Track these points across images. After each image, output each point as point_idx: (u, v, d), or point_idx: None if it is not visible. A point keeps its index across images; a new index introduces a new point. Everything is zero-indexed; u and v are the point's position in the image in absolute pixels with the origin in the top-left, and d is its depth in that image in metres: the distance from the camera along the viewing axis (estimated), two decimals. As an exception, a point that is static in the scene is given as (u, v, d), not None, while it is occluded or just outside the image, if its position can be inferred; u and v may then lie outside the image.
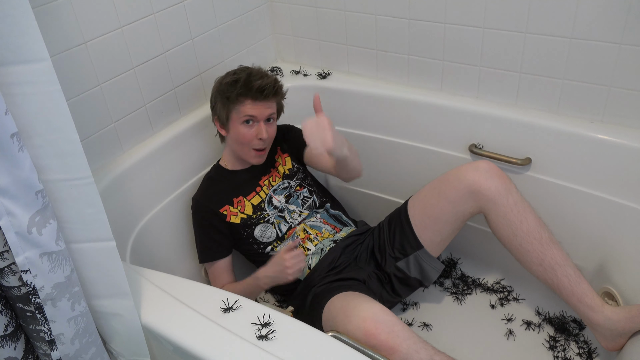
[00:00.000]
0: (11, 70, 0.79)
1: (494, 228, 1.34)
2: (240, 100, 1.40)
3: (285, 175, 1.56)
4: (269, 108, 1.43)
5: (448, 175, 1.38)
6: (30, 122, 0.83)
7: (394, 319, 1.12)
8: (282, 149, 1.60)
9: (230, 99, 1.40)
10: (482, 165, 1.33)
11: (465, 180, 1.32)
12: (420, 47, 1.59)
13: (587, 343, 1.42)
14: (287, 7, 1.79)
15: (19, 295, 0.90)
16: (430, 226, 1.40)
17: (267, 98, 1.40)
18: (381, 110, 1.68)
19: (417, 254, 1.43)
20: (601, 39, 1.30)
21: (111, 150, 1.44)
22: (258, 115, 1.40)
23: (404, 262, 1.43)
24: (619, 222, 1.38)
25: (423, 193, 1.45)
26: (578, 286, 1.25)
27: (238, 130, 1.42)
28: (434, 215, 1.39)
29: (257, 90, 1.38)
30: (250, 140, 1.42)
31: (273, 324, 0.96)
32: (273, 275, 1.35)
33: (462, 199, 1.33)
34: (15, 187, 0.80)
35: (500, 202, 1.29)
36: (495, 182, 1.30)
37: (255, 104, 1.40)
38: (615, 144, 1.35)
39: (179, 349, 0.98)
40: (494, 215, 1.32)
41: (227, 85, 1.42)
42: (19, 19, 0.76)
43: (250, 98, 1.39)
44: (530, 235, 1.28)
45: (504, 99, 1.52)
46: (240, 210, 1.47)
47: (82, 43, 1.28)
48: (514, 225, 1.29)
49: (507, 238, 1.32)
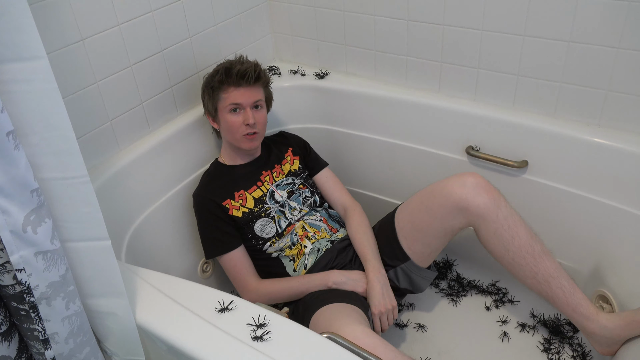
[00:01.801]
0: (7, 67, 0.78)
1: (485, 243, 1.32)
2: (224, 89, 1.42)
3: (290, 173, 1.56)
4: (254, 94, 1.44)
5: (435, 190, 1.33)
6: (26, 120, 0.83)
7: (376, 340, 1.10)
8: (294, 152, 1.60)
9: (214, 89, 1.44)
10: (470, 179, 1.28)
11: (452, 197, 1.28)
12: (419, 49, 1.59)
13: (582, 346, 1.43)
14: (286, 7, 1.79)
15: (13, 294, 0.90)
16: (419, 238, 1.39)
17: (250, 83, 1.42)
18: (379, 111, 1.68)
19: (404, 266, 1.42)
20: (599, 43, 1.31)
21: (108, 149, 1.43)
22: (243, 102, 1.42)
23: (392, 272, 1.43)
24: (615, 225, 1.38)
25: (411, 206, 1.42)
26: (572, 297, 1.24)
27: (226, 120, 1.44)
28: (422, 229, 1.37)
29: (238, 76, 1.40)
30: (238, 127, 1.43)
31: (268, 324, 0.96)
32: (348, 278, 1.37)
33: (450, 215, 1.30)
34: (10, 185, 0.80)
35: (490, 218, 1.27)
36: (484, 198, 1.26)
37: (239, 90, 1.42)
38: (612, 147, 1.35)
39: (172, 348, 0.98)
40: (484, 231, 1.29)
41: (210, 77, 1.47)
42: (16, 15, 0.76)
43: (232, 85, 1.41)
44: (522, 249, 1.26)
45: (501, 101, 1.52)
46: (241, 204, 1.47)
47: (80, 40, 1.28)
48: (506, 240, 1.27)
49: (499, 253, 1.30)
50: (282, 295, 1.41)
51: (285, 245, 1.46)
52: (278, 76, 1.81)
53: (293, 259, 1.46)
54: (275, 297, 1.42)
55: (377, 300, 1.34)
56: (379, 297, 1.34)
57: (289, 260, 1.46)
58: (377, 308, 1.33)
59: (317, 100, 1.77)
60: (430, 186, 1.37)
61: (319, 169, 1.61)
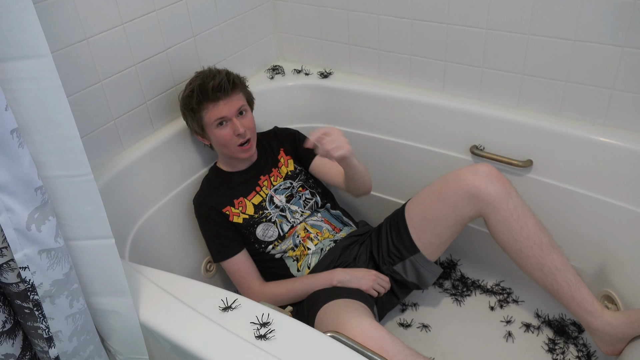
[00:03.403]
0: (12, 65, 0.78)
1: (494, 232, 1.34)
2: (204, 107, 1.40)
3: (287, 176, 1.56)
4: (235, 103, 1.42)
5: (447, 179, 1.36)
6: (30, 118, 0.83)
7: (382, 333, 1.10)
8: (286, 151, 1.59)
9: (195, 110, 1.41)
10: (482, 168, 1.32)
11: (465, 184, 1.31)
12: (423, 48, 1.58)
13: (586, 346, 1.42)
14: (290, 6, 1.79)
15: (17, 292, 0.90)
16: (429, 229, 1.40)
17: (227, 94, 1.40)
18: (383, 111, 1.68)
19: (413, 258, 1.42)
20: (604, 42, 1.30)
21: (111, 147, 1.43)
22: (227, 114, 1.40)
23: (401, 265, 1.43)
24: (620, 225, 1.37)
25: (422, 196, 1.44)
26: (578, 291, 1.24)
27: (216, 135, 1.42)
28: (433, 219, 1.38)
29: (214, 91, 1.38)
30: (230, 139, 1.42)
31: (272, 323, 0.96)
32: (352, 276, 1.38)
33: (462, 203, 1.33)
34: (14, 183, 0.80)
35: (500, 206, 1.28)
36: (495, 186, 1.29)
37: (218, 104, 1.39)
38: (617, 147, 1.35)
39: (176, 347, 0.98)
40: (493, 219, 1.31)
41: (187, 99, 1.44)
42: (20, 14, 0.76)
43: (211, 101, 1.39)
44: (530, 240, 1.27)
45: (506, 100, 1.52)
46: (241, 210, 1.47)
47: (84, 39, 1.28)
48: (514, 230, 1.28)
49: (507, 243, 1.31)
50: (287, 296, 1.41)
51: (288, 247, 1.46)
52: (282, 75, 1.81)
53: (296, 259, 1.46)
54: (280, 299, 1.42)
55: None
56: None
57: (293, 261, 1.46)
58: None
59: (321, 100, 1.77)
60: (442, 177, 1.39)
61: (312, 157, 1.58)
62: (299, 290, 1.39)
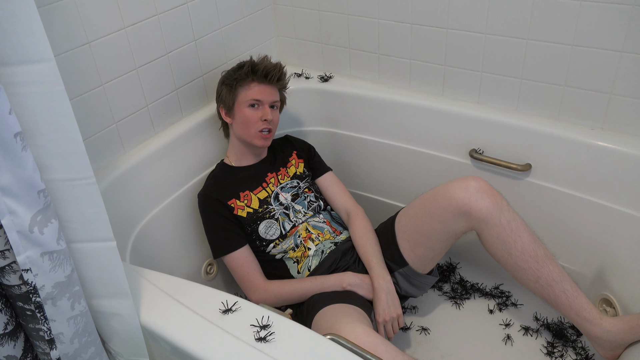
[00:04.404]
0: (16, 70, 0.79)
1: (488, 247, 1.32)
2: (247, 83, 1.46)
3: (295, 176, 1.57)
4: (274, 94, 1.49)
5: (437, 194, 1.33)
6: (33, 122, 0.84)
7: (376, 340, 1.10)
8: (299, 155, 1.61)
9: (238, 82, 1.47)
10: (472, 183, 1.28)
11: (455, 201, 1.28)
12: (423, 52, 1.59)
13: (585, 349, 1.42)
14: (291, 10, 1.80)
15: (19, 294, 0.90)
16: (422, 242, 1.38)
17: (272, 82, 1.47)
18: (382, 114, 1.68)
19: (402, 271, 1.42)
20: (603, 47, 1.31)
21: (113, 151, 1.44)
22: (263, 99, 1.46)
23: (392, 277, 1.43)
24: (619, 229, 1.38)
25: (413, 210, 1.41)
26: (576, 301, 1.24)
27: (244, 114, 1.46)
28: (425, 233, 1.36)
29: (263, 74, 1.45)
30: (255, 122, 1.46)
31: (272, 326, 0.96)
32: (362, 281, 1.37)
33: (453, 219, 1.30)
34: (17, 186, 0.81)
35: (493, 222, 1.26)
36: (486, 202, 1.26)
37: (261, 87, 1.46)
38: (616, 151, 1.35)
39: (177, 349, 0.98)
40: (487, 235, 1.29)
41: (233, 71, 1.50)
42: (24, 19, 0.77)
43: (256, 81, 1.46)
44: (525, 253, 1.26)
45: (505, 104, 1.53)
46: (246, 204, 1.47)
47: (86, 43, 1.29)
48: (508, 244, 1.27)
49: (502, 257, 1.30)
50: (292, 296, 1.39)
51: (289, 247, 1.46)
52: (282, 79, 1.82)
53: (297, 261, 1.46)
54: (284, 298, 1.40)
55: (381, 308, 1.33)
56: (383, 305, 1.33)
57: (293, 262, 1.46)
58: (382, 316, 1.33)
59: (321, 103, 1.78)
60: (432, 190, 1.37)
61: (322, 172, 1.62)
62: (306, 290, 1.38)
